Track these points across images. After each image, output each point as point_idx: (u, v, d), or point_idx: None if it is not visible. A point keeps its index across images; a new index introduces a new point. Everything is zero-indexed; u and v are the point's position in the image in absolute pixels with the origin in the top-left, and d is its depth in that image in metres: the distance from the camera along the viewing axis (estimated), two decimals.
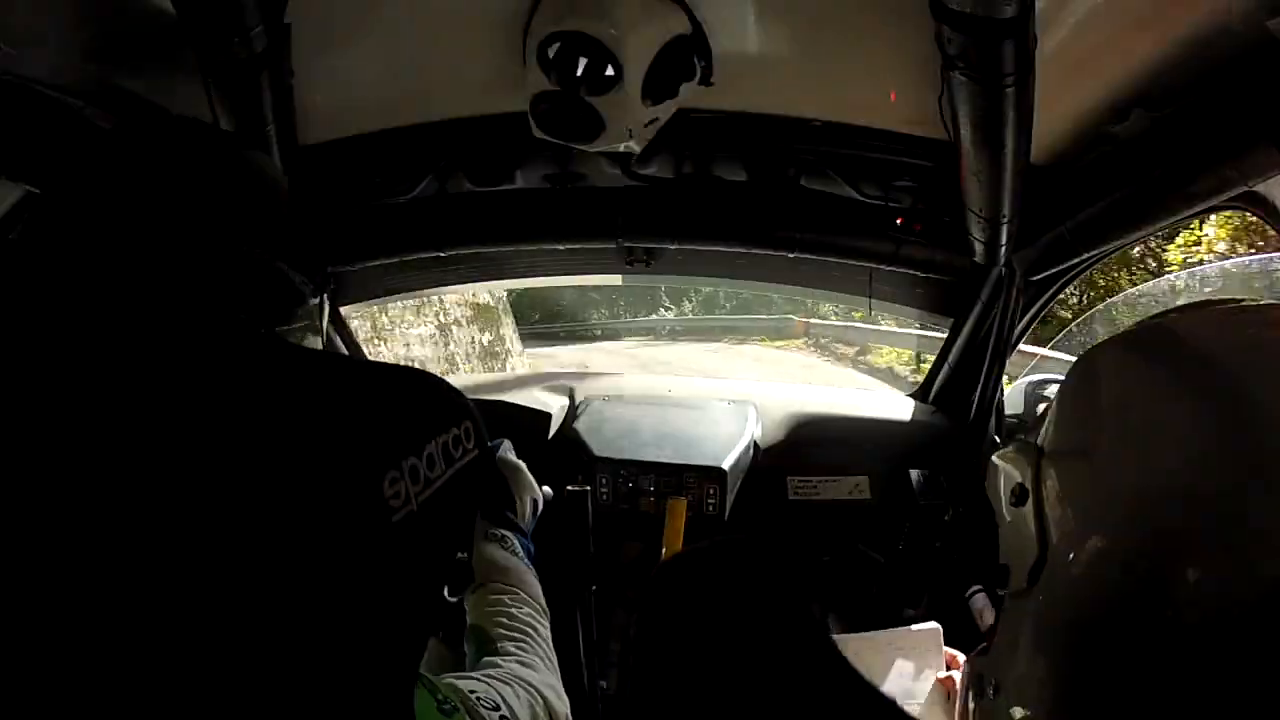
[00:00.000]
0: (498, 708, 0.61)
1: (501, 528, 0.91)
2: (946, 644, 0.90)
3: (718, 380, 1.94)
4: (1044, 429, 0.50)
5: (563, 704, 0.71)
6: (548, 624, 0.82)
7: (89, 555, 0.34)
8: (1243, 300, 0.47)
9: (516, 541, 0.91)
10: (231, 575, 0.35)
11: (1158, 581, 0.36)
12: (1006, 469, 0.51)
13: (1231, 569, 0.34)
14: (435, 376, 0.50)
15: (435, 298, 5.40)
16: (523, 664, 0.73)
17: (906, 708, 0.41)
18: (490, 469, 0.96)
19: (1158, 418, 0.41)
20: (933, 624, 0.91)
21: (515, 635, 0.77)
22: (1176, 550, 0.36)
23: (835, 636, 0.46)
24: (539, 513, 1.01)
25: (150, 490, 0.35)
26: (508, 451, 1.04)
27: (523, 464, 1.02)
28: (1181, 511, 0.37)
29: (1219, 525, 0.35)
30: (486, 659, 0.73)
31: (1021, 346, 1.64)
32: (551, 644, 0.80)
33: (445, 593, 0.95)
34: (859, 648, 0.88)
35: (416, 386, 0.47)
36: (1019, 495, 0.49)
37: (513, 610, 0.80)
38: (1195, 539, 0.36)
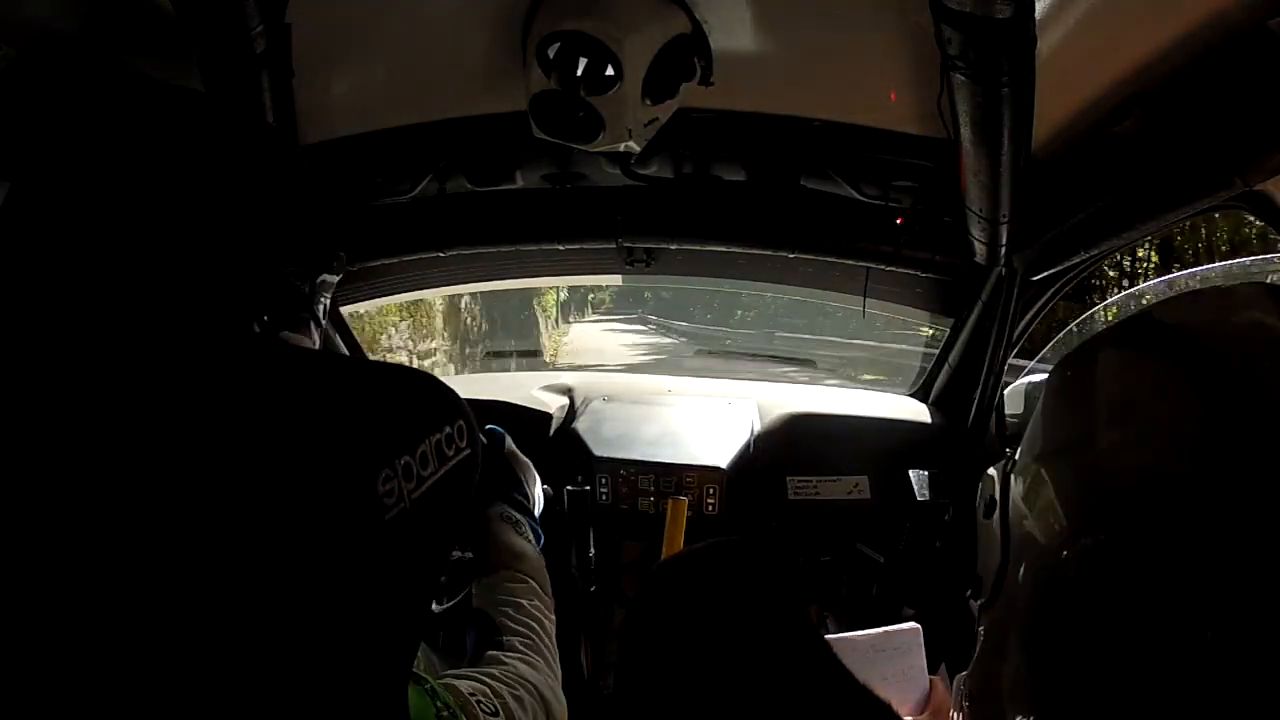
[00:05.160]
0: (498, 713, 0.60)
1: (517, 512, 0.90)
2: (944, 644, 0.90)
3: (717, 380, 1.95)
4: (1022, 442, 0.47)
5: (561, 706, 0.71)
6: (554, 617, 0.81)
7: (85, 554, 0.34)
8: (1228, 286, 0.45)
9: (529, 528, 0.90)
10: (227, 571, 0.36)
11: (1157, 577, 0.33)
12: (985, 482, 0.50)
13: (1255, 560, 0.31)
14: (429, 375, 0.50)
15: None
16: (526, 662, 0.72)
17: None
18: (497, 457, 0.96)
19: (1153, 408, 0.38)
20: (913, 624, 0.91)
21: (521, 630, 0.76)
22: (1183, 542, 0.33)
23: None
24: (541, 508, 1.01)
25: (146, 489, 0.35)
26: (511, 444, 1.02)
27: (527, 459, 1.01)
28: (1186, 500, 0.33)
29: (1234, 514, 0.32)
30: (490, 653, 0.72)
31: None
32: (555, 639, 0.79)
33: (434, 604, 0.94)
34: (840, 650, 0.88)
35: (410, 385, 0.47)
36: (989, 506, 0.49)
37: (522, 601, 0.79)
38: (1207, 530, 0.32)
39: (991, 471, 0.51)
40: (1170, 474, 0.35)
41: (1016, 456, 0.48)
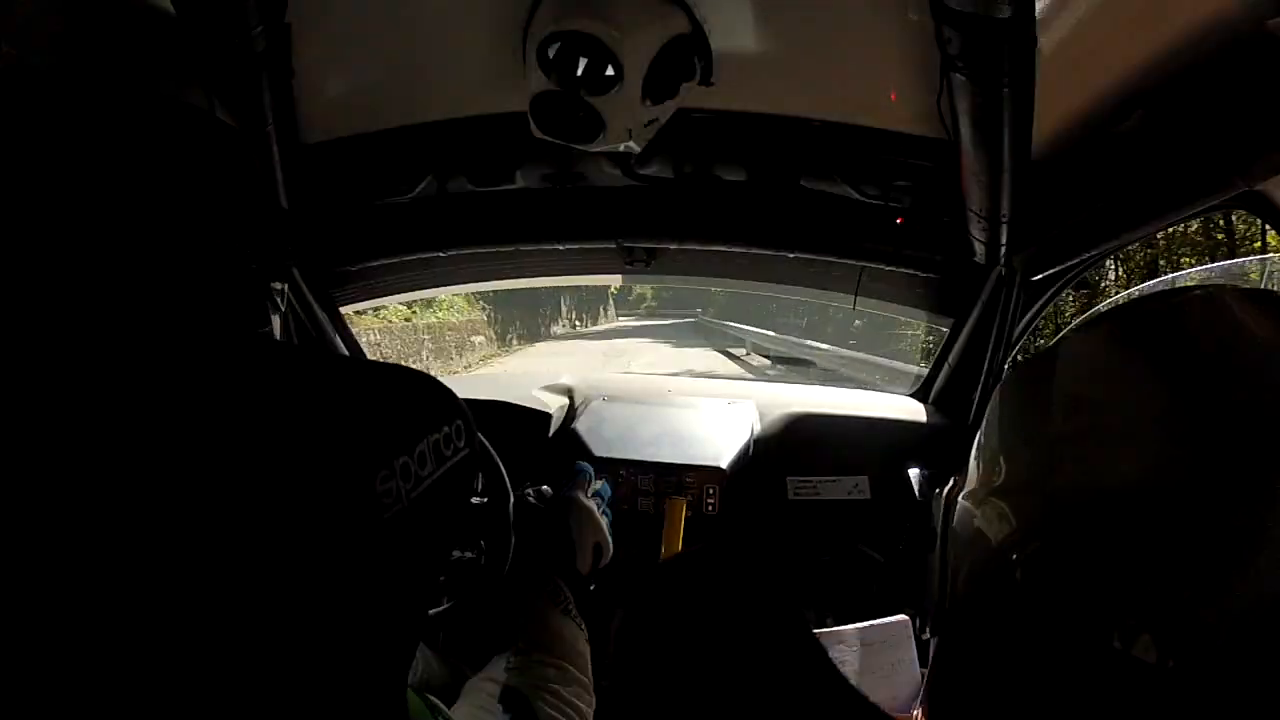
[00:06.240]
0: None
1: (566, 584, 0.86)
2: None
3: (717, 380, 1.95)
4: (969, 466, 0.45)
5: None
6: (593, 701, 0.78)
7: (81, 555, 0.33)
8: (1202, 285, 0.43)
9: (572, 602, 0.86)
10: (224, 572, 0.35)
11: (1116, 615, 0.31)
12: (933, 510, 0.49)
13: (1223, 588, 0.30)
14: (427, 375, 0.50)
15: None
16: None
17: (883, 705, 0.41)
18: (553, 508, 0.94)
19: (1113, 417, 0.36)
20: (901, 616, 0.91)
21: (560, 717, 0.73)
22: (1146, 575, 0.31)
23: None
24: (604, 561, 0.96)
25: (143, 490, 0.35)
26: (582, 487, 0.99)
27: (593, 505, 0.98)
28: (1154, 521, 0.31)
29: (1202, 535, 0.30)
30: None
31: None
32: None
33: (433, 602, 0.93)
34: (829, 643, 0.87)
35: (408, 385, 0.47)
36: (929, 540, 0.48)
37: (559, 688, 0.75)
38: (1175, 557, 0.30)
39: (941, 491, 0.49)
40: (1128, 481, 0.34)
41: (961, 482, 0.45)
